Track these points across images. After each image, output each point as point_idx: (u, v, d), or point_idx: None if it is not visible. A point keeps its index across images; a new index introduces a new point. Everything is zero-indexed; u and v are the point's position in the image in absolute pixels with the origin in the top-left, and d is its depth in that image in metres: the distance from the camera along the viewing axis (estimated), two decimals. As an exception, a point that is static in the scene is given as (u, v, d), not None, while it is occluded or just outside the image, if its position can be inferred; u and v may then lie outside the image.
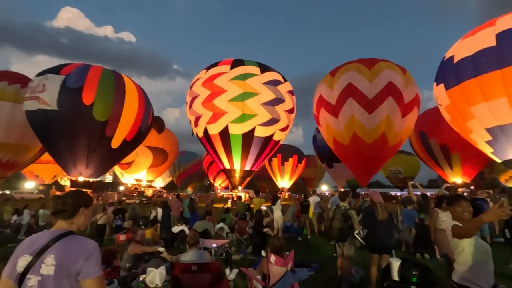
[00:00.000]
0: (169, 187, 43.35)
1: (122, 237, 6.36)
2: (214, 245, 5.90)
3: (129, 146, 14.22)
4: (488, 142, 10.49)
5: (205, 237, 6.82)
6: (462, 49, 10.49)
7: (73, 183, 13.33)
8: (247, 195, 22.25)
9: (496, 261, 2.34)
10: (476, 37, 10.21)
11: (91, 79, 12.52)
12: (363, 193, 15.24)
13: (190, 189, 43.16)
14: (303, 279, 3.76)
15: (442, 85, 11.27)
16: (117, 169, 26.60)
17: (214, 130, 14.28)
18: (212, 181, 34.77)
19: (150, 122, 15.21)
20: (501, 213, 1.94)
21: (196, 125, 15.16)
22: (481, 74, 9.59)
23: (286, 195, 32.00)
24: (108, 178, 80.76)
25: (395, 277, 2.69)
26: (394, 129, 12.95)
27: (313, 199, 10.33)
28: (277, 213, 8.69)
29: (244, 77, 13.73)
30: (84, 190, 1.85)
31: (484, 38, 9.82)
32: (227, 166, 15.19)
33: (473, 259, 2.18)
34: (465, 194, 9.97)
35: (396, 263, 2.75)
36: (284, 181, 29.00)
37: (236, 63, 14.49)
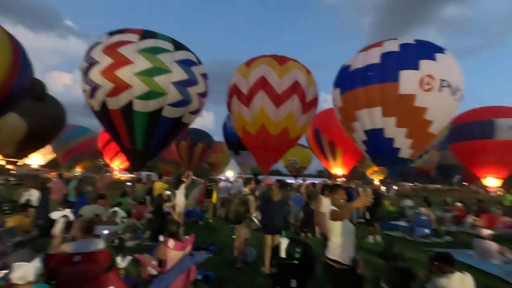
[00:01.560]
0: (51, 165, 36.46)
1: (-26, 225, 5.02)
2: (105, 232, 5.35)
3: (-8, 111, 11.15)
4: (363, 142, 12.93)
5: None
6: (356, 61, 12.48)
7: None
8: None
9: (356, 237, 2.94)
10: (368, 52, 12.29)
11: None
12: (263, 179, 16.42)
13: (79, 169, 37.45)
14: (200, 261, 3.83)
15: (338, 89, 13.20)
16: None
17: (115, 104, 12.64)
18: (108, 161, 31.02)
19: (28, 84, 12.28)
20: (366, 201, 2.48)
21: (92, 96, 13.08)
22: (367, 85, 11.67)
23: (190, 179, 31.56)
24: (-44, 150, 61.71)
25: (282, 254, 3.05)
26: (296, 124, 14.39)
27: (223, 184, 10.62)
28: (180, 198, 8.50)
29: (155, 51, 12.53)
30: None
31: (373, 55, 11.91)
32: (128, 146, 13.81)
33: (342, 238, 2.68)
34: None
35: (284, 242, 3.11)
36: (192, 166, 28.48)
37: (146, 34, 13.06)
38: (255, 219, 5.86)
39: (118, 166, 31.17)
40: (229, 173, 32.24)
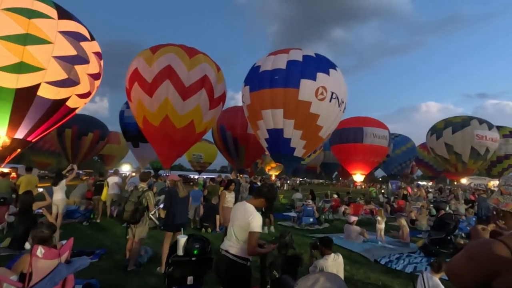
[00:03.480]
0: None
1: None
2: None
3: None
4: (266, 139, 13.88)
5: None
6: (266, 63, 13.28)
7: None
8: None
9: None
10: (276, 57, 13.22)
11: None
12: (164, 174, 15.61)
13: None
14: (81, 268, 3.29)
15: (248, 87, 13.75)
16: None
17: (-39, 73, 9.55)
18: None
19: None
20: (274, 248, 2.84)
21: None
22: (273, 87, 12.57)
23: (74, 173, 26.95)
24: None
25: (180, 252, 2.94)
26: (202, 118, 14.18)
27: (111, 179, 9.38)
28: (58, 195, 7.15)
29: (30, 14, 10.03)
30: None
31: (280, 60, 12.90)
32: (-18, 130, 10.65)
33: None
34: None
35: (182, 240, 3.00)
36: (78, 158, 24.29)
37: (18, -10, 10.35)
38: (153, 217, 5.46)
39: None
40: (126, 167, 29.11)
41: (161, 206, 4.98)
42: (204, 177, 25.51)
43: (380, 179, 58.90)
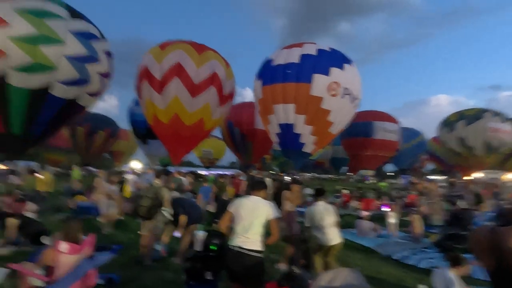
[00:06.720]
0: None
1: None
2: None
3: None
4: (277, 134, 13.84)
5: None
6: (279, 57, 13.18)
7: None
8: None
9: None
10: (290, 50, 13.10)
11: None
12: (174, 171, 15.73)
13: None
14: (103, 263, 3.40)
15: (260, 81, 13.69)
16: None
17: (-22, 74, 9.79)
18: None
19: None
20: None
21: None
22: (286, 82, 12.49)
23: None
24: None
25: (198, 248, 2.99)
26: (211, 116, 14.18)
27: (130, 177, 9.64)
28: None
29: (42, 14, 10.16)
30: None
31: (293, 54, 12.78)
32: (0, 128, 10.94)
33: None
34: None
35: (200, 235, 3.05)
36: (90, 155, 24.80)
37: (30, -9, 10.49)
38: (166, 213, 5.55)
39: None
40: (135, 164, 29.42)
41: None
42: (213, 173, 25.68)
43: (392, 174, 58.08)
